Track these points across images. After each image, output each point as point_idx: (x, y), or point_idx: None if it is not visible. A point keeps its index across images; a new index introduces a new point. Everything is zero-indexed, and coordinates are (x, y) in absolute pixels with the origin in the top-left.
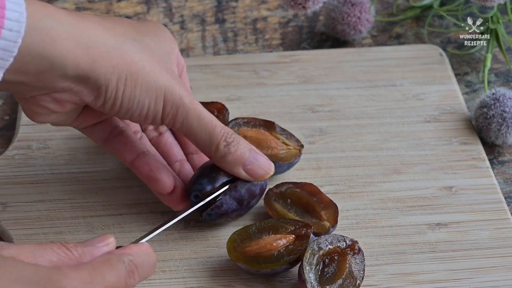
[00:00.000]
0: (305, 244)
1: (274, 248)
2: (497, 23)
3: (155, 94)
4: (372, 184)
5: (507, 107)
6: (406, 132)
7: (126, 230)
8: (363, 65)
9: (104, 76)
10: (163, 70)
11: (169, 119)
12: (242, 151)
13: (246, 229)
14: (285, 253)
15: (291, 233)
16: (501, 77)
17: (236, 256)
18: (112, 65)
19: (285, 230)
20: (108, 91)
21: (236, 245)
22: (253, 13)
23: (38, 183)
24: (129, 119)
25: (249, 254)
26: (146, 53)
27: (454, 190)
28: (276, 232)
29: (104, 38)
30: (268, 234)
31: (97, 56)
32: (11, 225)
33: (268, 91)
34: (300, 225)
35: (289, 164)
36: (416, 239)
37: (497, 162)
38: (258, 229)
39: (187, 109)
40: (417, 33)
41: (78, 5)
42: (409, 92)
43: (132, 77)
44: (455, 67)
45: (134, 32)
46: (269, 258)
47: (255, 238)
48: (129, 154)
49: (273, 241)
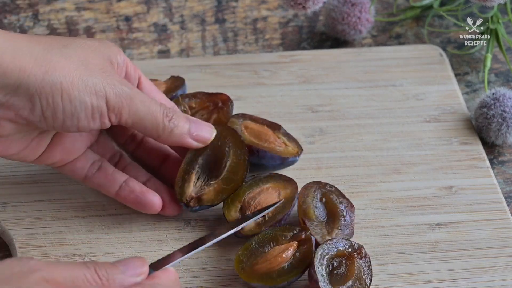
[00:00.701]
0: (309, 247)
1: (284, 260)
2: (497, 23)
3: (94, 89)
4: (372, 184)
5: (507, 107)
6: (406, 132)
7: (126, 230)
8: (363, 65)
9: (34, 84)
10: (98, 68)
11: (116, 111)
12: (183, 121)
13: (248, 246)
14: (294, 262)
15: (292, 240)
16: (501, 77)
17: (248, 276)
18: (42, 71)
19: (285, 238)
20: (43, 99)
21: (244, 265)
22: (253, 13)
23: (38, 183)
24: (77, 125)
25: (260, 271)
26: (77, 56)
27: (454, 190)
28: (277, 242)
29: (30, 47)
30: (270, 246)
31: (25, 64)
32: (11, 225)
33: (268, 91)
34: (298, 230)
35: (282, 159)
36: (416, 239)
37: (497, 162)
38: (259, 243)
39: (130, 96)
40: (417, 33)
41: (78, 5)
42: (409, 92)
43: (66, 80)
44: (455, 67)
45: (61, 41)
46: (282, 271)
47: (260, 253)
48: (112, 187)
49: (281, 253)
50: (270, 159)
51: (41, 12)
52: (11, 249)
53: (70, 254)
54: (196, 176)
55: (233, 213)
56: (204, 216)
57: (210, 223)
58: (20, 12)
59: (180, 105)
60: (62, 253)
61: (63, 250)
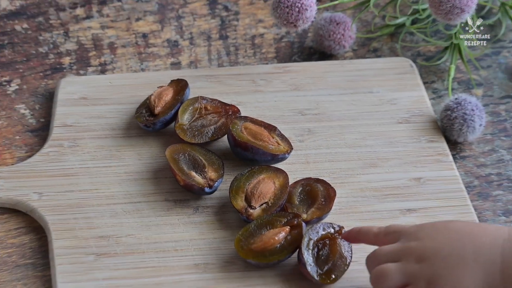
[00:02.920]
0: (299, 232)
1: (276, 242)
2: (459, 38)
3: None
4: (352, 176)
5: (467, 110)
6: (382, 132)
7: (144, 215)
8: (345, 75)
9: None
10: None
11: None
12: None
13: (247, 228)
14: (285, 244)
15: (285, 225)
16: (462, 84)
17: (245, 253)
18: None
19: (279, 223)
20: None
21: (243, 244)
22: (252, 30)
23: (69, 176)
24: None
25: (256, 250)
26: None
27: (422, 181)
28: (273, 226)
29: None
30: (266, 229)
31: None
32: (46, 211)
33: (264, 97)
34: (291, 216)
35: (273, 155)
36: (390, 222)
37: (459, 157)
38: (257, 226)
39: None
40: (391, 48)
41: (103, 24)
42: (384, 97)
43: None
44: (424, 76)
45: None
46: (274, 251)
47: (257, 235)
48: None
49: (274, 236)
50: (262, 155)
51: (71, 30)
52: (46, 232)
53: (96, 236)
54: None
55: (240, 202)
56: (209, 203)
57: (215, 209)
58: (53, 30)
59: (198, 103)
60: (89, 235)
61: (91, 233)
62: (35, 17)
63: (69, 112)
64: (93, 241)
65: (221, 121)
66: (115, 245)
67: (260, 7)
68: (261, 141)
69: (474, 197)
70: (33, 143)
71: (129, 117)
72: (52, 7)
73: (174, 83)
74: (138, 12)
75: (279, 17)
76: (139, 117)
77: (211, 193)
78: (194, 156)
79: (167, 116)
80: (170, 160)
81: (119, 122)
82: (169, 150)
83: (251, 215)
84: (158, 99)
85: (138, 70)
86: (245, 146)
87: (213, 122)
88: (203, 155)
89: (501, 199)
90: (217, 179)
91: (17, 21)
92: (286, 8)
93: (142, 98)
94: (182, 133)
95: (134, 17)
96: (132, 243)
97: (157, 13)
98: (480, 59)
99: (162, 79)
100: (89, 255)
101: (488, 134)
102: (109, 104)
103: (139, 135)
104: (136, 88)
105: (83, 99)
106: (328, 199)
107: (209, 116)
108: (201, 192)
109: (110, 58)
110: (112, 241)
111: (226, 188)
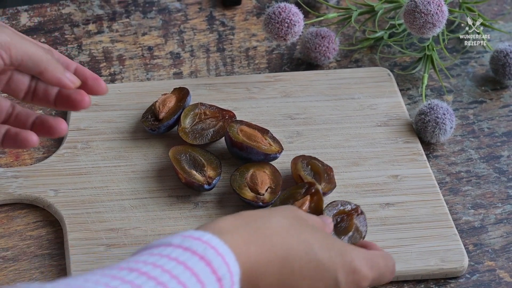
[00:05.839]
0: (319, 197)
1: (305, 211)
2: (432, 50)
3: None
4: (336, 174)
5: (439, 114)
6: (363, 134)
7: (149, 210)
8: (330, 83)
9: None
10: None
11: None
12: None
13: (275, 205)
14: (311, 211)
15: (305, 194)
16: (435, 91)
17: None
18: None
19: (299, 194)
20: None
21: None
22: (246, 43)
23: (82, 174)
24: None
25: None
26: None
27: (399, 178)
28: (295, 199)
29: None
30: (291, 202)
31: None
32: (61, 206)
33: (257, 103)
34: (307, 186)
35: (265, 155)
36: (370, 215)
37: (432, 156)
38: (282, 201)
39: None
40: (371, 58)
41: (112, 38)
42: (364, 103)
43: None
44: (400, 84)
45: None
46: None
47: None
48: None
49: (301, 206)
50: (256, 154)
51: (84, 43)
52: (62, 225)
53: (107, 228)
54: None
55: (248, 194)
56: (208, 199)
57: (213, 204)
58: (68, 44)
59: (198, 109)
60: (100, 227)
61: (101, 226)
62: (52, 32)
63: (82, 117)
64: (103, 233)
65: (219, 125)
66: (124, 237)
67: (253, 22)
68: (255, 142)
69: (445, 192)
70: (50, 145)
71: (136, 121)
72: (67, 23)
73: (176, 91)
74: (144, 27)
75: (271, 32)
76: (145, 122)
77: (210, 189)
78: (195, 156)
79: (170, 121)
80: (173, 160)
81: (127, 126)
82: (172, 151)
83: (264, 200)
84: (162, 105)
85: (144, 79)
86: (241, 146)
87: (212, 126)
88: (203, 155)
89: (470, 194)
90: (215, 177)
91: (36, 36)
92: (277, 24)
93: (148, 105)
94: (185, 135)
95: (141, 32)
96: (139, 235)
97: (161, 28)
98: (451, 68)
99: (165, 88)
100: (100, 246)
101: (458, 135)
102: (118, 110)
103: (145, 137)
104: (142, 95)
105: (95, 105)
106: (330, 174)
107: (208, 120)
108: (200, 189)
109: (119, 68)
110: (120, 233)
111: (223, 185)
